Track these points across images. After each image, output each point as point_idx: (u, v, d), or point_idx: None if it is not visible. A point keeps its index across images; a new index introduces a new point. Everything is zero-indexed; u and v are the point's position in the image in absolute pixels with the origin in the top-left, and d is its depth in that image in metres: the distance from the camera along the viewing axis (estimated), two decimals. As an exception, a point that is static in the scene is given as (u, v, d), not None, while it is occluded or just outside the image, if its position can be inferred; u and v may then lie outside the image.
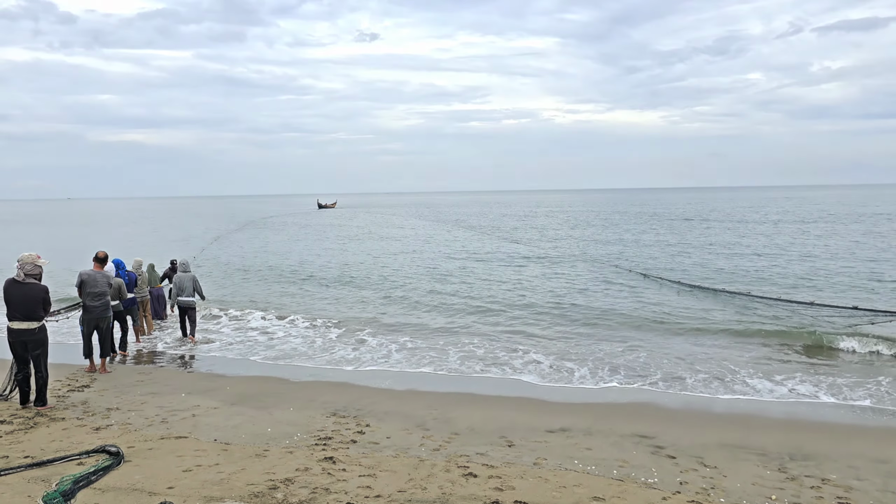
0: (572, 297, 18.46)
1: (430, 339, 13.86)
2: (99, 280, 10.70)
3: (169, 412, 8.40)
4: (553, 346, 12.90)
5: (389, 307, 17.92)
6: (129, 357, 12.30)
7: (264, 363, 11.95)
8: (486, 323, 15.46)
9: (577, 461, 6.79)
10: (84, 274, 10.70)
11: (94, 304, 10.66)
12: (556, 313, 16.29)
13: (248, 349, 13.09)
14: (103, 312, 10.77)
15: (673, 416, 8.71)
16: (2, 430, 7.21)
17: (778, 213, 66.27)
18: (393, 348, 12.98)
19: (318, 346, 13.37)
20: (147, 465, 6.12)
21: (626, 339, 13.42)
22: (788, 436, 7.77)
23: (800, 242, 33.57)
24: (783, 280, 21.09)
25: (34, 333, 8.30)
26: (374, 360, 12.01)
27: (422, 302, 18.57)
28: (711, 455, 7.06)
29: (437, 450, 7.08)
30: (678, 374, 10.85)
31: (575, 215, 71.21)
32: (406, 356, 12.32)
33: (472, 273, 24.61)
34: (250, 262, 29.40)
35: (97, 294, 10.65)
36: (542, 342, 13.33)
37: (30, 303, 8.22)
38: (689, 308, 16.47)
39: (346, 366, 11.67)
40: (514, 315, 16.24)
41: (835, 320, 14.27)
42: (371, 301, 18.87)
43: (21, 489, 5.39)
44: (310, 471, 6.05)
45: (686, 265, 25.56)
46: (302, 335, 14.39)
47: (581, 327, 14.73)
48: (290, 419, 8.18)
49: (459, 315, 16.47)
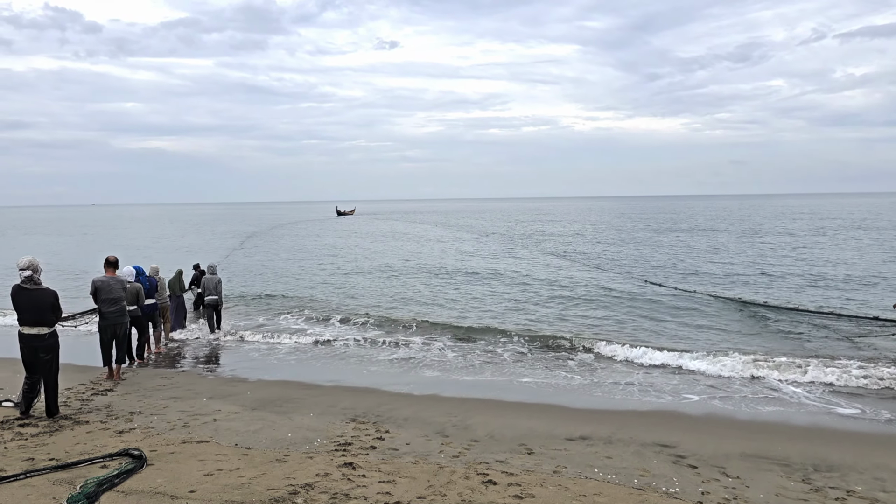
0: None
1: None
2: (113, 286, 10.54)
3: (191, 416, 8.47)
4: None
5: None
6: (149, 363, 12.40)
7: (285, 368, 12.02)
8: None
9: (597, 470, 6.74)
10: (97, 281, 10.52)
11: (109, 311, 10.51)
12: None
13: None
14: (119, 318, 10.62)
15: (694, 424, 8.62)
16: (27, 433, 7.32)
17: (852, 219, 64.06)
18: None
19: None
20: (169, 468, 6.17)
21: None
22: (812, 446, 7.66)
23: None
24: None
25: (45, 339, 8.17)
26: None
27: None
28: (734, 465, 6.98)
29: (456, 456, 7.06)
30: (699, 380, 10.75)
31: (624, 230, 58.53)
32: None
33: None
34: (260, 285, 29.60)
35: (112, 300, 10.50)
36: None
37: (39, 308, 8.08)
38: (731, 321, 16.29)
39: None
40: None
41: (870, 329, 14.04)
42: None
43: (46, 491, 5.46)
44: (330, 476, 6.07)
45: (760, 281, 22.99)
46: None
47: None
48: (310, 424, 8.22)
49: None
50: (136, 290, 11.91)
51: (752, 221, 65.94)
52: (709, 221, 68.85)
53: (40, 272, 8.29)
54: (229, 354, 13.31)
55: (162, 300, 13.90)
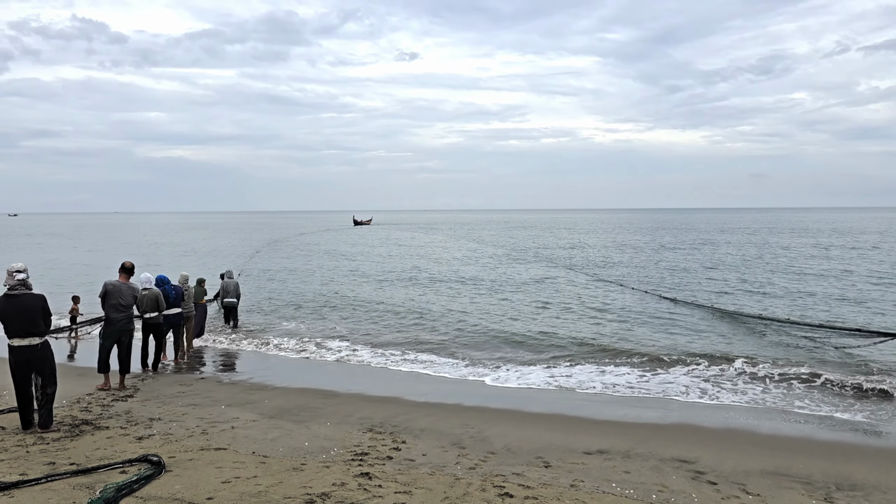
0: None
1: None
2: (124, 291, 10.18)
3: (209, 423, 8.52)
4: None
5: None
6: (164, 372, 12.40)
7: (303, 376, 12.05)
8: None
9: (615, 484, 6.68)
10: (109, 284, 10.17)
11: (117, 317, 10.12)
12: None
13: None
14: (126, 325, 10.24)
15: (714, 439, 8.52)
16: (49, 437, 7.40)
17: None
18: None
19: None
20: (187, 475, 6.21)
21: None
22: (835, 464, 7.53)
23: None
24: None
25: (37, 350, 7.55)
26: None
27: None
28: (754, 482, 6.88)
29: (473, 468, 7.03)
30: (719, 395, 10.63)
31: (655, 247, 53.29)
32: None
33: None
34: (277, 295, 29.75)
35: (122, 306, 10.14)
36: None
37: (28, 315, 7.44)
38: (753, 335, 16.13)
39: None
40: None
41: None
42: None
43: (67, 495, 5.52)
44: (346, 486, 6.07)
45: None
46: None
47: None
48: (326, 434, 8.23)
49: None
50: (155, 297, 11.67)
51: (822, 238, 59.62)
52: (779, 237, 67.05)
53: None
54: (248, 362, 13.38)
55: (188, 310, 13.42)
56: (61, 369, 12.28)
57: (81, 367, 12.03)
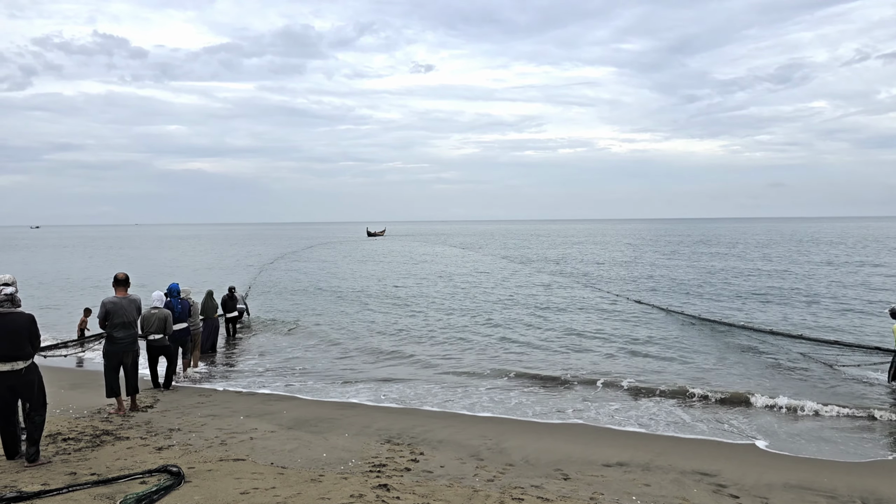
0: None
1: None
2: (126, 307, 9.18)
3: (228, 434, 8.55)
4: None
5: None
6: (185, 382, 12.51)
7: (321, 388, 12.07)
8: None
9: (635, 497, 6.60)
10: (108, 303, 9.14)
11: (120, 336, 9.18)
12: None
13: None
14: (130, 346, 9.30)
15: (736, 452, 8.40)
16: (70, 448, 7.46)
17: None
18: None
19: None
20: (206, 486, 6.22)
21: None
22: (860, 478, 7.39)
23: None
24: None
25: (21, 376, 6.68)
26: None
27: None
28: (777, 496, 6.77)
29: (491, 480, 6.99)
30: (743, 409, 10.49)
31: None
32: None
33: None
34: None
35: (125, 324, 9.19)
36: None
37: (12, 338, 6.58)
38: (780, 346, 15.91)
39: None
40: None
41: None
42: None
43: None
44: (364, 497, 6.05)
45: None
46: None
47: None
48: (344, 445, 8.22)
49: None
50: (164, 317, 11.02)
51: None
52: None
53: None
54: (266, 374, 13.42)
55: (194, 325, 12.94)
56: (82, 379, 12.47)
57: (102, 378, 12.04)
